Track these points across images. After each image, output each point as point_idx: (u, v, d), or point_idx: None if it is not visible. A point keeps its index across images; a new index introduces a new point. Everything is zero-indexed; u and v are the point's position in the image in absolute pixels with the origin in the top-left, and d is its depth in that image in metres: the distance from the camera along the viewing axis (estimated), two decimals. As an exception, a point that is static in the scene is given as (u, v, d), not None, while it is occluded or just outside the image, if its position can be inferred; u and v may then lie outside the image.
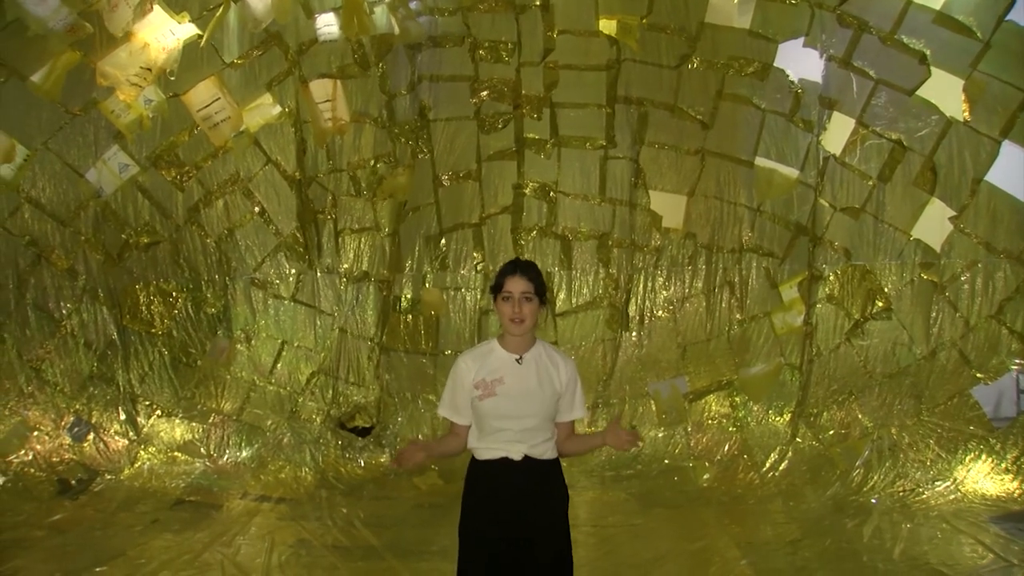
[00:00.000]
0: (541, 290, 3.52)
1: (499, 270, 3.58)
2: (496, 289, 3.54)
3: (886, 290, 7.33)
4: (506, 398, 3.46)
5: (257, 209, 7.83)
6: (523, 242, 7.87)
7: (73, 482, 7.27)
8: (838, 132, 7.28)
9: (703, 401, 7.78)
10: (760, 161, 7.56)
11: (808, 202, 7.49)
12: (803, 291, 7.53)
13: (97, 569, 5.58)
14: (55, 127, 7.49)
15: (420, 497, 7.17)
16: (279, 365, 7.91)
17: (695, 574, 5.54)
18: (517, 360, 3.50)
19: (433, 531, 6.19)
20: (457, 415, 3.58)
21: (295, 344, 7.94)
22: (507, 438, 3.48)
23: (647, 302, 7.88)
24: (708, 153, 7.68)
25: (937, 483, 6.84)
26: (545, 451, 3.51)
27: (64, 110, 7.44)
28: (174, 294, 7.86)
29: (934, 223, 7.15)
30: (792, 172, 7.49)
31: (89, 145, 7.59)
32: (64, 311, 7.76)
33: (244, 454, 7.68)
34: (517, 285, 3.47)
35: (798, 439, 7.40)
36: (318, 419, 7.79)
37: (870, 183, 7.27)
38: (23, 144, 7.43)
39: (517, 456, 3.47)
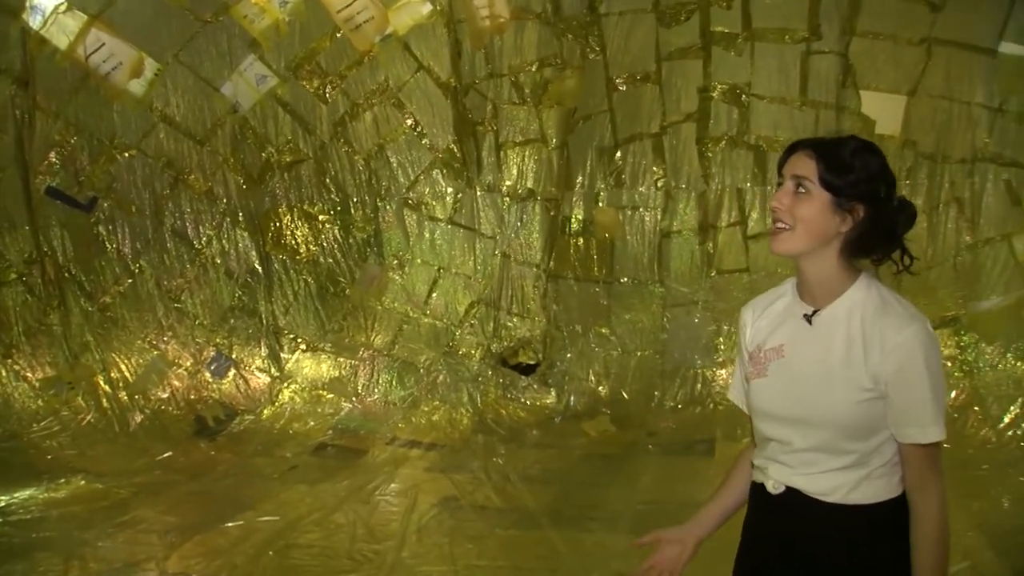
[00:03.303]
0: (835, 181, 2.00)
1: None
2: None
3: None
4: (778, 383, 2.11)
5: (409, 122, 7.31)
6: (710, 154, 7.03)
7: (211, 422, 7.05)
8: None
9: (923, 340, 6.79)
10: (1007, 48, 6.38)
11: (1071, 95, 6.32)
12: (1056, 207, 6.40)
13: (221, 525, 5.16)
14: (185, 37, 7.07)
15: (590, 446, 6.53)
16: (435, 294, 7.47)
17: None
18: (806, 317, 2.09)
19: (601, 492, 5.52)
20: (742, 399, 2.29)
21: (453, 271, 7.46)
22: (772, 452, 2.16)
23: (856, 223, 6.90)
24: (936, 42, 6.54)
25: None
26: (838, 488, 2.05)
27: (193, 17, 7.02)
28: (320, 217, 7.49)
29: None
30: (1050, 59, 6.31)
31: (223, 56, 7.18)
32: (204, 238, 7.46)
33: (395, 393, 7.30)
34: (794, 164, 2.05)
35: (1046, 389, 6.32)
36: (477, 355, 7.32)
37: None
38: (152, 57, 7.03)
39: (774, 487, 2.13)
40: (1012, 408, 6.31)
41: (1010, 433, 6.19)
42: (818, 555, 2.08)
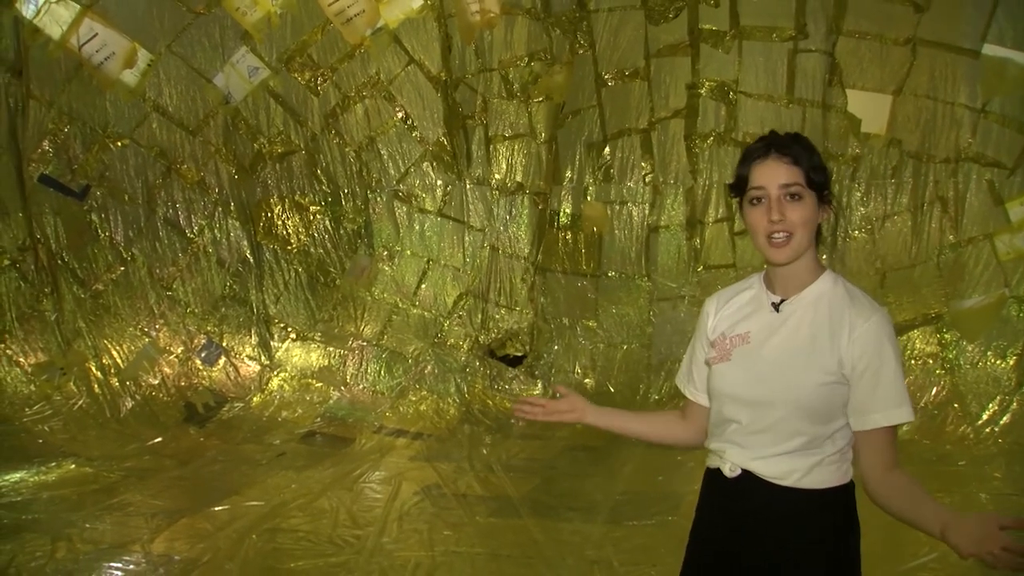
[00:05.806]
0: (820, 179, 2.08)
1: (743, 153, 2.19)
2: (738, 187, 2.16)
3: None
4: (742, 366, 2.16)
5: (400, 114, 7.24)
6: (698, 150, 6.98)
7: (201, 409, 7.05)
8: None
9: (905, 337, 6.71)
10: (990, 49, 6.36)
11: (1053, 98, 6.29)
12: (1038, 208, 6.39)
13: (207, 509, 5.19)
14: (178, 28, 7.10)
15: (574, 437, 6.50)
16: (424, 286, 7.41)
17: (897, 556, 4.24)
18: (774, 306, 2.16)
19: (582, 483, 5.55)
20: (689, 384, 2.37)
21: (442, 263, 7.40)
22: (730, 436, 2.19)
23: (841, 220, 6.86)
24: (921, 42, 6.53)
25: None
26: (792, 472, 2.10)
27: (186, 9, 7.04)
28: (311, 208, 7.44)
29: None
30: (1033, 61, 6.30)
31: (215, 47, 7.19)
32: (196, 227, 7.46)
33: (383, 383, 7.25)
34: (773, 174, 2.07)
35: (1025, 388, 6.35)
36: (465, 346, 7.26)
37: None
38: (145, 48, 7.05)
39: (731, 470, 2.17)
40: (991, 405, 6.33)
41: (988, 430, 6.21)
42: (769, 537, 2.13)
